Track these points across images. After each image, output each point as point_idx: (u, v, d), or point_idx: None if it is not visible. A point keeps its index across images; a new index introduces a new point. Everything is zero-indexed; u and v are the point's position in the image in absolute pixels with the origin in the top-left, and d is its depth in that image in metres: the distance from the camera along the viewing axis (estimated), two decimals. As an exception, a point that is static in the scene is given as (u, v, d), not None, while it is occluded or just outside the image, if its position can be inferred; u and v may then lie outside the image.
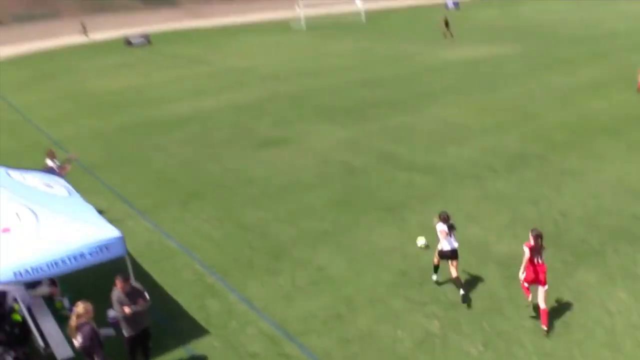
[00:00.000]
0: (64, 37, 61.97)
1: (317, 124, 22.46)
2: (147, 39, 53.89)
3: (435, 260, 10.91)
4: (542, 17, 57.32)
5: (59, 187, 11.96)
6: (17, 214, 10.18)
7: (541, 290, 9.54)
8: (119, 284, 9.12)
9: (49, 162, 14.58)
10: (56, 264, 9.11)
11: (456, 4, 75.76)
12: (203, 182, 17.25)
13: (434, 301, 10.78)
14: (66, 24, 70.26)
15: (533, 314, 10.02)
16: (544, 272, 9.49)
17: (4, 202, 10.60)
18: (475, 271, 11.70)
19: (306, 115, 23.87)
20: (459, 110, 23.43)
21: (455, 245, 10.49)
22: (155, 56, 45.00)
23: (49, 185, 11.78)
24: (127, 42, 52.94)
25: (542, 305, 9.57)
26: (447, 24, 46.30)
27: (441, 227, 10.36)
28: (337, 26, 59.50)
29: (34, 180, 12.08)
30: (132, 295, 9.16)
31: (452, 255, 10.54)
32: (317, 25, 59.78)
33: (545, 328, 9.54)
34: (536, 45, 39.29)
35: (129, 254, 10.09)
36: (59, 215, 10.19)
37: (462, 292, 10.55)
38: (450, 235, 10.44)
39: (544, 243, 9.66)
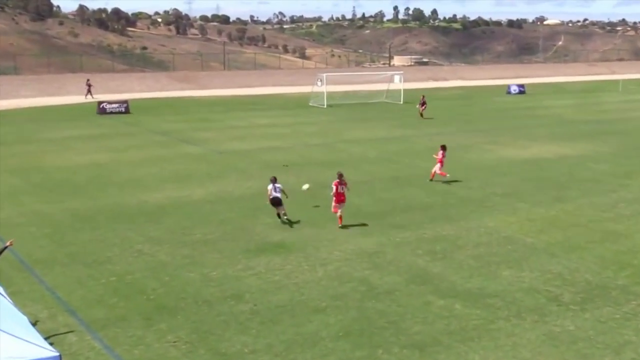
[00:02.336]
0: (23, 98, 64.13)
1: (331, 228, 22.47)
2: (126, 107, 55.57)
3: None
4: (630, 111, 58.42)
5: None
6: None
7: (342, 207, 22.21)
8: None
9: None
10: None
11: (521, 88, 77.76)
12: (176, 293, 17.06)
13: None
14: (24, 83, 72.95)
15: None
16: (344, 196, 22.22)
17: None
18: None
19: (318, 215, 23.96)
20: (517, 222, 23.38)
21: (278, 194, 22.46)
22: (133, 128, 46.19)
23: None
24: (100, 108, 54.60)
25: (340, 214, 22.28)
26: (423, 103, 51.75)
27: (270, 186, 22.54)
28: (367, 107, 61.03)
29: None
30: None
31: (277, 202, 22.51)
32: (342, 105, 61.39)
33: (340, 224, 22.30)
34: (622, 145, 39.78)
35: (64, 382, 9.81)
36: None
37: (284, 219, 22.88)
38: (276, 190, 22.39)
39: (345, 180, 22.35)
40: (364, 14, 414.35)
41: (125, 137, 42.40)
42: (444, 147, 29.44)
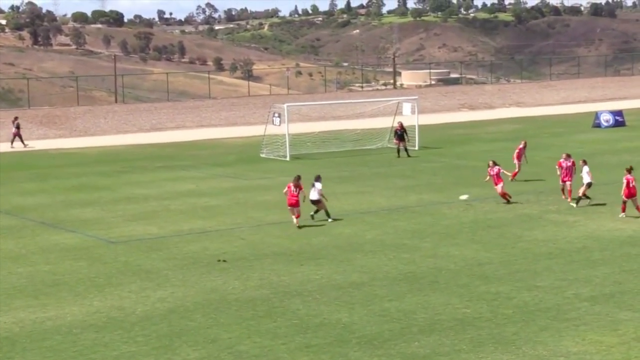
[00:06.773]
0: None
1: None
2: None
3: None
4: None
5: None
6: None
7: (297, 211, 39.72)
8: None
9: None
10: None
11: (619, 118, 78.45)
12: None
13: None
14: None
15: None
16: (297, 200, 39.14)
17: None
18: None
19: (280, 347, 23.79)
20: (620, 344, 23.05)
21: (316, 196, 40.69)
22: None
23: None
24: None
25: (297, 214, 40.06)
26: (400, 134, 58.66)
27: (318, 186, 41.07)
28: (357, 157, 61.10)
29: None
30: None
31: (316, 202, 40.94)
32: (315, 156, 61.40)
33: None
34: None
35: None
36: None
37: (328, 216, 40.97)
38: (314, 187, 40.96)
39: None
40: (349, 3, 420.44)
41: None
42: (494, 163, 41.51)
